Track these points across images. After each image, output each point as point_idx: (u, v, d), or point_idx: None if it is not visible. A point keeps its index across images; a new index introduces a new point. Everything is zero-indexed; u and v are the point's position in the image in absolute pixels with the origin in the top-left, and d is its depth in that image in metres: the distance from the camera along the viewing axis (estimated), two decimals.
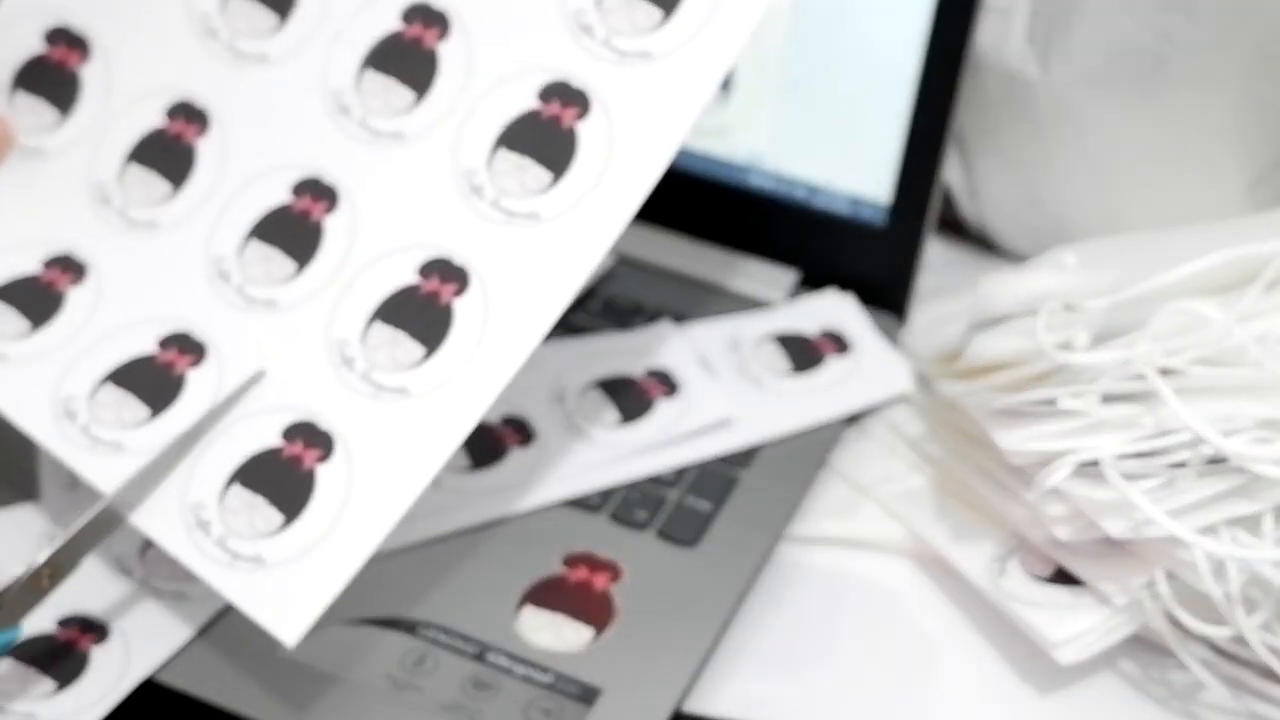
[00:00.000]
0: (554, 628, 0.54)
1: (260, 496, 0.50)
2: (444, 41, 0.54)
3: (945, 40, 0.65)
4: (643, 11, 0.52)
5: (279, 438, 0.51)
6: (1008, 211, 0.76)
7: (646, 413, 0.63)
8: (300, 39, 0.56)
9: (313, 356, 0.51)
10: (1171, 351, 0.53)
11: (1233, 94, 0.68)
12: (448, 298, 0.51)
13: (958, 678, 0.56)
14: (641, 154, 0.51)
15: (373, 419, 0.50)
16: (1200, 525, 0.52)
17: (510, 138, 0.53)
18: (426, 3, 0.55)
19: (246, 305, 0.53)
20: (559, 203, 0.51)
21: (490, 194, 0.52)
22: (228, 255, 0.54)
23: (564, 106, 0.52)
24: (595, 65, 0.52)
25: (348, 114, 0.54)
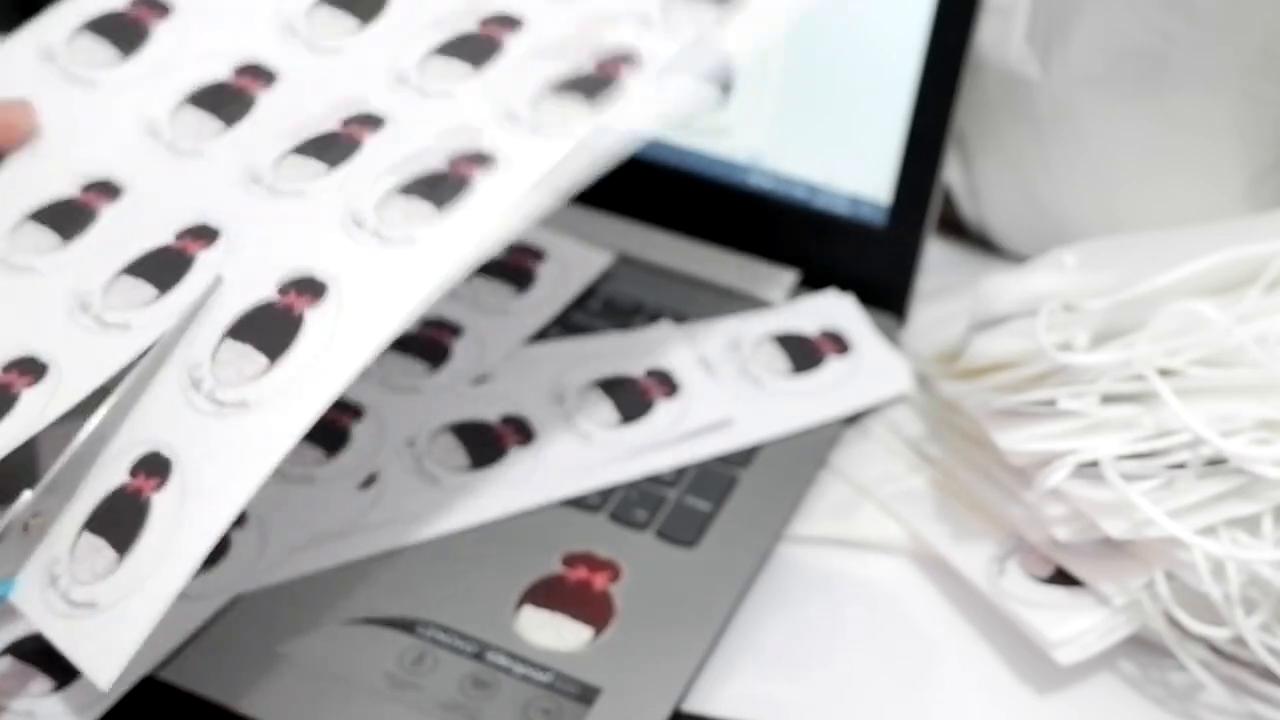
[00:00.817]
0: (553, 627, 0.54)
1: (102, 538, 0.47)
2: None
3: (946, 40, 0.65)
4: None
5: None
6: (1008, 212, 0.76)
7: (646, 413, 0.63)
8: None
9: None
10: (1171, 352, 0.53)
11: (1233, 94, 0.68)
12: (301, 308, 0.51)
13: (957, 678, 0.56)
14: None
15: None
16: (1200, 526, 0.52)
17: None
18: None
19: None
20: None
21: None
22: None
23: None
24: None
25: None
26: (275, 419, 0.47)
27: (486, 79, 0.56)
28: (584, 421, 0.62)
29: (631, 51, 0.54)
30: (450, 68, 0.56)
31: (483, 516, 0.58)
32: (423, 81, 0.56)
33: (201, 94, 0.58)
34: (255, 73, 0.58)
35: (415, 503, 0.58)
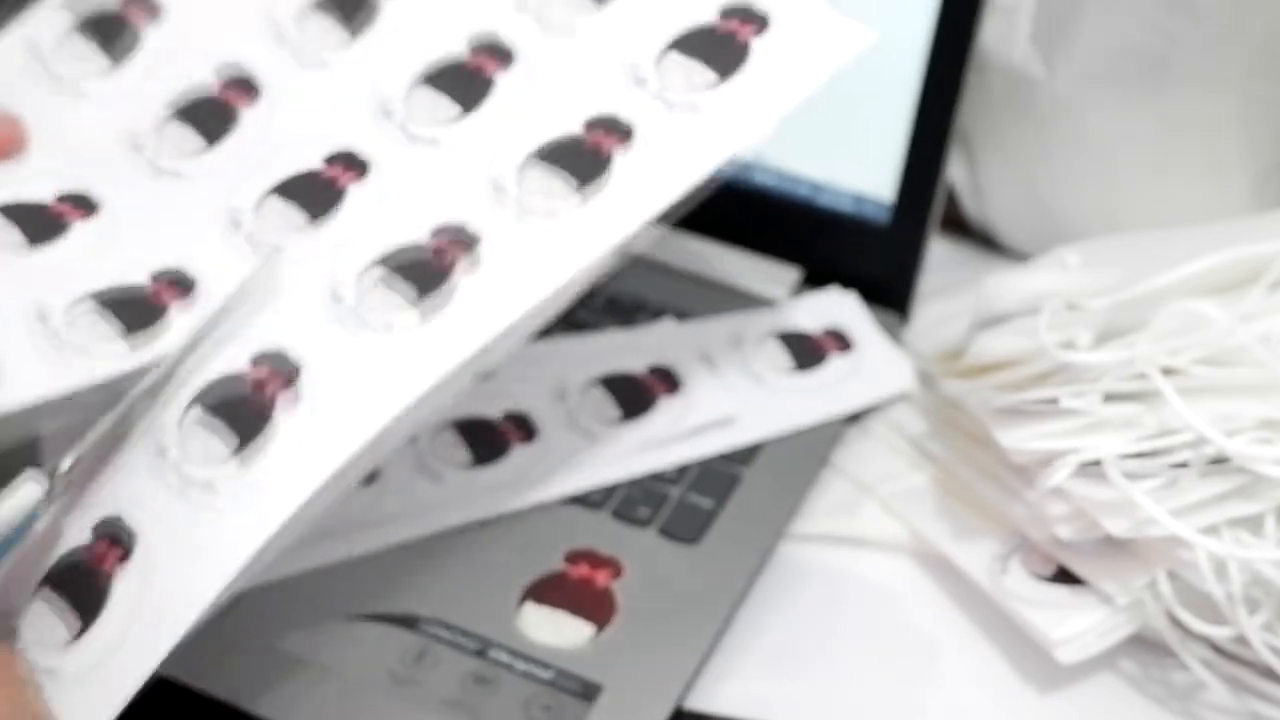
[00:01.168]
0: (555, 624, 0.54)
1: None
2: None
3: (950, 39, 0.65)
4: (700, 74, 0.53)
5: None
6: (1011, 210, 0.76)
7: (648, 410, 0.63)
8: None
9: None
10: (1174, 351, 0.53)
11: (1236, 94, 0.68)
12: (459, 273, 0.50)
13: (958, 676, 0.56)
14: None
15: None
16: (1202, 525, 0.52)
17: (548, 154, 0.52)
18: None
19: None
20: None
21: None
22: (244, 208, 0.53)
23: None
24: None
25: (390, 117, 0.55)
26: (243, 519, 0.45)
27: (474, 128, 0.54)
28: (586, 419, 0.62)
29: (623, 123, 0.52)
30: (438, 106, 0.54)
31: (485, 513, 0.58)
32: (408, 118, 0.54)
33: (188, 109, 0.56)
34: (241, 86, 0.57)
35: (417, 499, 0.58)
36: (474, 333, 0.48)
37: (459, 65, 0.55)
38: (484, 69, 0.55)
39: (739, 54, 0.53)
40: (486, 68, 0.55)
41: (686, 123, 0.52)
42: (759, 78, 0.52)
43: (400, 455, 0.60)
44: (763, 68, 0.53)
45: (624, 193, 0.51)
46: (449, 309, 0.49)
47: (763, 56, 0.53)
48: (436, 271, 0.49)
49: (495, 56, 0.55)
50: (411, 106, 0.54)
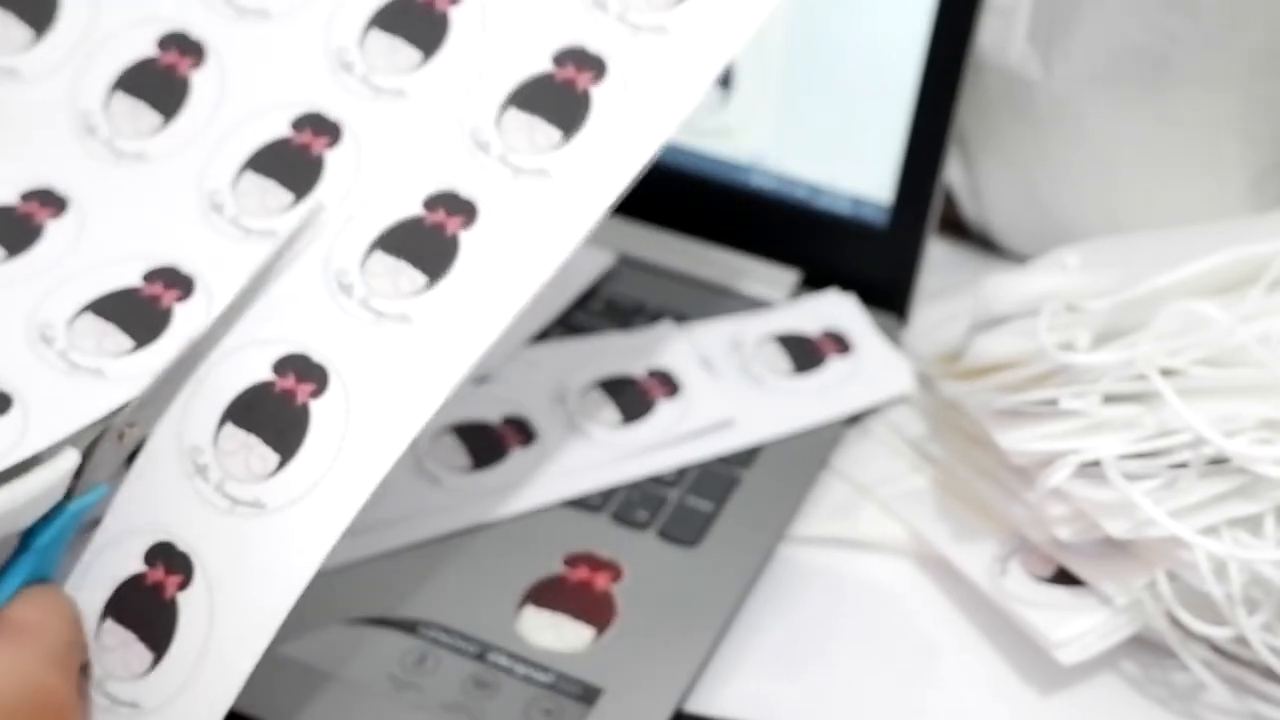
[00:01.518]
0: (555, 627, 0.54)
1: (255, 436, 0.46)
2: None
3: (947, 40, 0.65)
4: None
5: (269, 372, 0.47)
6: (1009, 212, 0.76)
7: (647, 413, 0.63)
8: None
9: None
10: (1173, 352, 0.53)
11: (1235, 94, 0.68)
12: (453, 229, 0.49)
13: (959, 678, 0.56)
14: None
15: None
16: (1202, 525, 0.52)
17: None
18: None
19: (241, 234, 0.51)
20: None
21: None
22: (221, 188, 0.52)
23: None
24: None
25: (350, 70, 0.53)
26: (302, 534, 0.45)
27: (440, 74, 0.52)
28: (585, 422, 0.62)
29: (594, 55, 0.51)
30: (399, 53, 0.52)
31: (484, 517, 0.58)
32: (369, 71, 0.52)
33: (133, 80, 0.54)
34: (183, 48, 0.54)
35: (417, 503, 0.58)
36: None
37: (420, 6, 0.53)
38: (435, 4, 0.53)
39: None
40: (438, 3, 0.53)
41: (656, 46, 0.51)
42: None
43: (399, 459, 0.60)
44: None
45: (612, 138, 0.50)
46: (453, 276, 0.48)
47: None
48: (438, 240, 0.49)
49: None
50: (370, 58, 0.53)
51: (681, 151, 0.72)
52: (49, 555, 0.45)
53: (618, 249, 0.72)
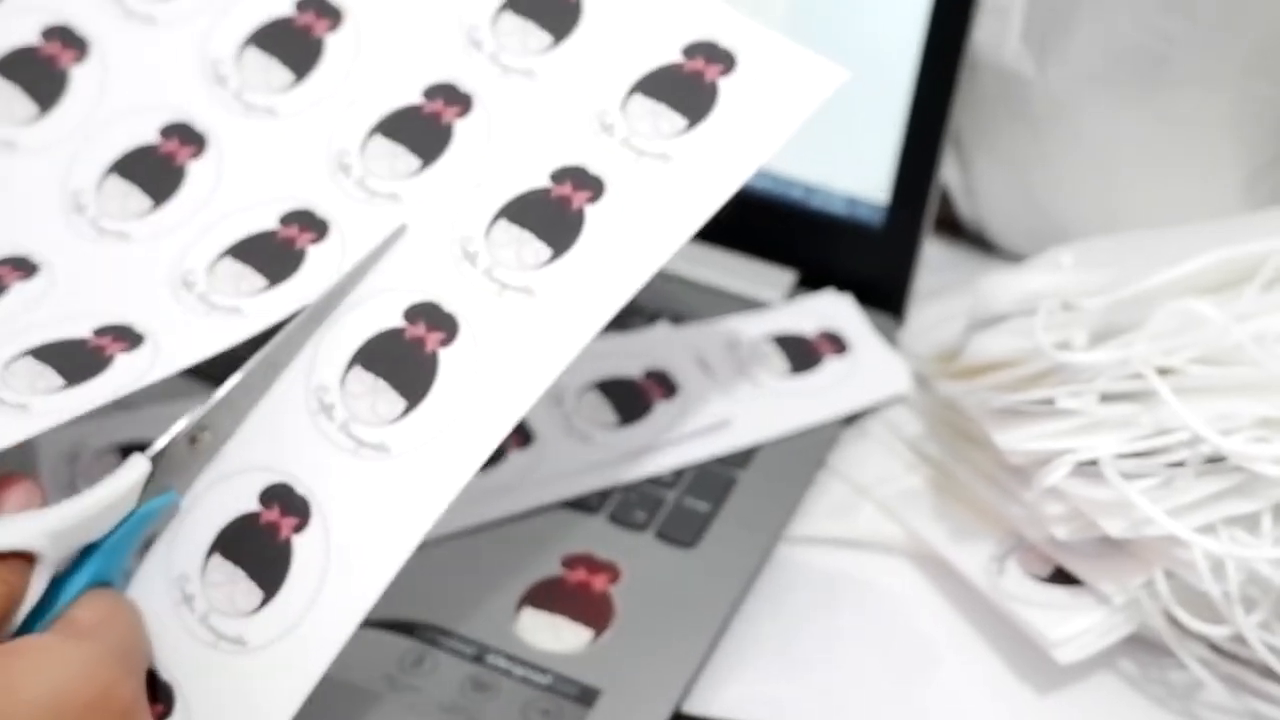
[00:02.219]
0: (553, 629, 0.54)
1: (240, 570, 0.46)
2: None
3: (942, 40, 0.65)
4: (667, 120, 0.50)
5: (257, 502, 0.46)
6: (1005, 211, 0.76)
7: (645, 414, 0.63)
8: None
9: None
10: (1169, 351, 0.53)
11: (1230, 93, 0.68)
12: (433, 346, 0.48)
13: (957, 677, 0.56)
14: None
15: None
16: (1199, 524, 0.52)
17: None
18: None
19: None
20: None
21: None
22: (197, 269, 0.51)
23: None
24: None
25: (347, 173, 0.52)
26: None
27: (434, 183, 0.51)
28: (583, 423, 0.62)
29: (594, 175, 0.50)
30: (398, 159, 0.51)
31: (482, 518, 0.58)
32: (366, 172, 0.51)
33: (126, 161, 0.53)
34: (185, 137, 0.53)
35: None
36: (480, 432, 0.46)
37: (416, 111, 0.52)
38: (440, 116, 0.52)
39: (707, 97, 0.50)
40: (444, 115, 0.52)
41: (658, 173, 0.49)
42: (730, 123, 0.50)
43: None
44: (733, 112, 0.50)
45: (602, 261, 0.48)
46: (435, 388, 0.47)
47: (732, 99, 0.50)
48: (416, 361, 0.47)
49: (454, 103, 0.52)
50: (368, 160, 0.52)
51: None
52: (114, 559, 0.45)
53: None
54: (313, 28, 0.54)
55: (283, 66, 0.54)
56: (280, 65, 0.54)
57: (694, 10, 0.52)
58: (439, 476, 0.45)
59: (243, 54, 0.54)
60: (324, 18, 0.54)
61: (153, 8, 0.55)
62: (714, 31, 0.51)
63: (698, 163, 0.49)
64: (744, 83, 0.50)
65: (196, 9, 0.55)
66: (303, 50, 0.54)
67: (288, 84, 0.53)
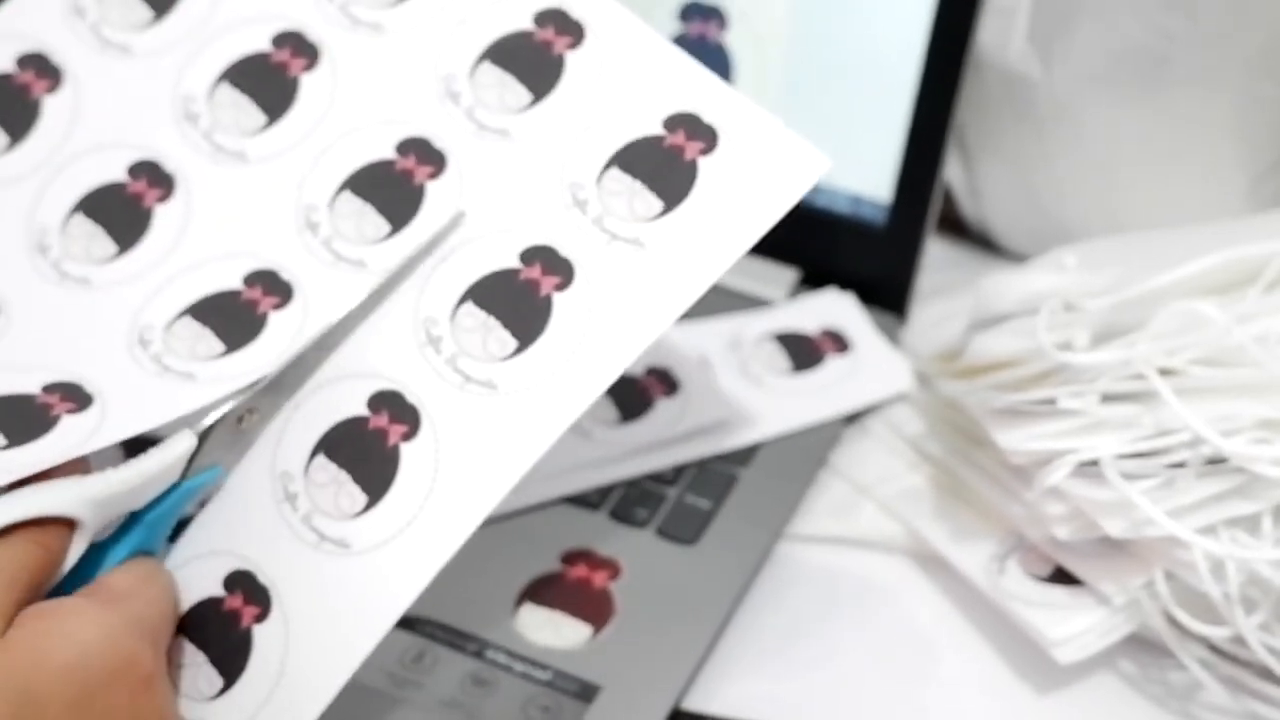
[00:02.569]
0: (553, 625, 0.54)
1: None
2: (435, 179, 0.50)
3: (946, 39, 0.65)
4: (642, 201, 0.48)
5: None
6: (1008, 211, 0.76)
7: (646, 411, 0.63)
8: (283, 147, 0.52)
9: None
10: (1171, 351, 0.53)
11: (1234, 93, 0.68)
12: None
13: (956, 676, 0.56)
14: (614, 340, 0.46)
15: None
16: (1199, 525, 0.52)
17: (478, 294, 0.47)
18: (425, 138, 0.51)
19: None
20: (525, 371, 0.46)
21: (448, 351, 0.47)
22: (155, 325, 0.50)
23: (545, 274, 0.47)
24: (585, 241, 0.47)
25: (315, 231, 0.51)
26: (388, 579, 0.45)
27: (402, 252, 0.48)
28: (584, 419, 0.62)
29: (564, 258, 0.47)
30: (364, 217, 0.49)
31: None
32: (334, 234, 0.49)
33: (93, 199, 0.52)
34: (154, 179, 0.52)
35: None
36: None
37: (389, 167, 0.50)
38: (413, 175, 0.50)
39: (686, 177, 0.48)
40: (416, 174, 0.50)
41: (631, 261, 0.47)
42: (708, 212, 0.47)
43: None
44: (712, 199, 0.47)
45: (569, 355, 0.46)
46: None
47: (711, 183, 0.48)
48: (382, 456, 0.46)
49: (427, 161, 0.50)
50: (336, 219, 0.50)
51: None
52: (157, 530, 0.45)
53: None
54: (289, 66, 0.52)
55: (256, 106, 0.52)
56: (253, 105, 0.52)
57: (679, 79, 0.49)
58: (501, 458, 0.45)
59: (215, 91, 0.52)
60: (300, 56, 0.52)
61: (129, 38, 0.54)
62: (698, 104, 0.49)
63: (672, 252, 0.47)
64: (725, 165, 0.48)
65: (172, 42, 0.54)
66: (278, 90, 0.52)
67: (260, 126, 0.52)
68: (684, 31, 0.70)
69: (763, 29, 0.68)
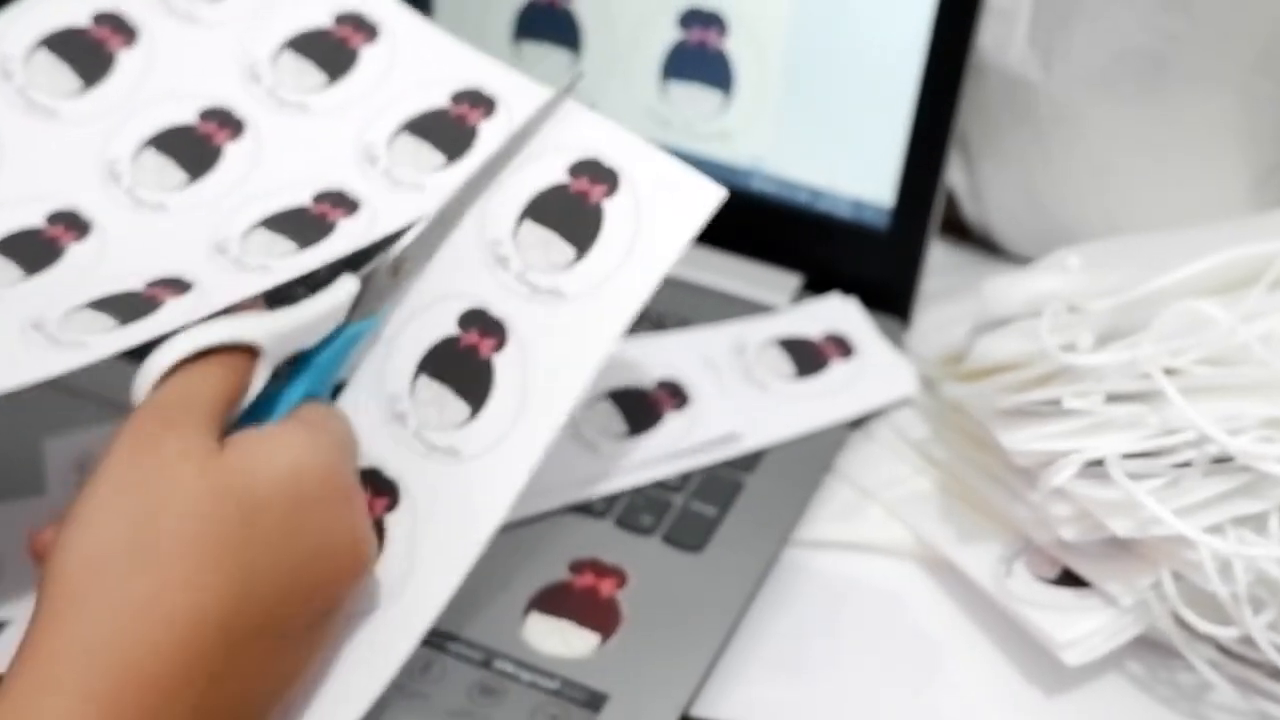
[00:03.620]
0: (560, 634, 0.54)
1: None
2: None
3: (947, 43, 0.65)
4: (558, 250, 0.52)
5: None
6: (1011, 213, 0.76)
7: (655, 425, 0.62)
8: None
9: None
10: (1176, 351, 0.53)
11: (1235, 94, 0.68)
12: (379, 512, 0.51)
13: (964, 680, 0.56)
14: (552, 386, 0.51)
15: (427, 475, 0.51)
16: (1206, 524, 0.52)
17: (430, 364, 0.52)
18: None
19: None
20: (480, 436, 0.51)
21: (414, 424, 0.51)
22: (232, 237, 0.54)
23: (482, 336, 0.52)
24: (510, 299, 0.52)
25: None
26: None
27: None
28: (592, 432, 0.62)
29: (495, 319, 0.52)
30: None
31: None
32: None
33: (165, 138, 0.56)
34: (223, 119, 0.57)
35: None
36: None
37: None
38: (327, 216, 0.54)
39: (593, 221, 0.52)
40: (330, 215, 0.54)
41: (555, 312, 0.51)
42: (617, 252, 0.51)
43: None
44: (620, 238, 0.51)
45: (517, 410, 0.50)
46: None
47: (617, 223, 0.52)
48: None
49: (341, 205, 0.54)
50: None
51: (681, 155, 0.72)
52: (326, 374, 0.49)
53: None
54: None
55: (178, 168, 0.56)
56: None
57: (577, 127, 0.53)
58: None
59: (279, 56, 0.58)
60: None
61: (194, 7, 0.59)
62: (598, 149, 0.53)
63: (591, 297, 0.51)
64: (628, 205, 0.52)
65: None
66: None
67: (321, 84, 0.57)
68: (684, 38, 0.70)
69: (763, 35, 0.69)
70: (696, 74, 0.70)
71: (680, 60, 0.71)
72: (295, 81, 0.57)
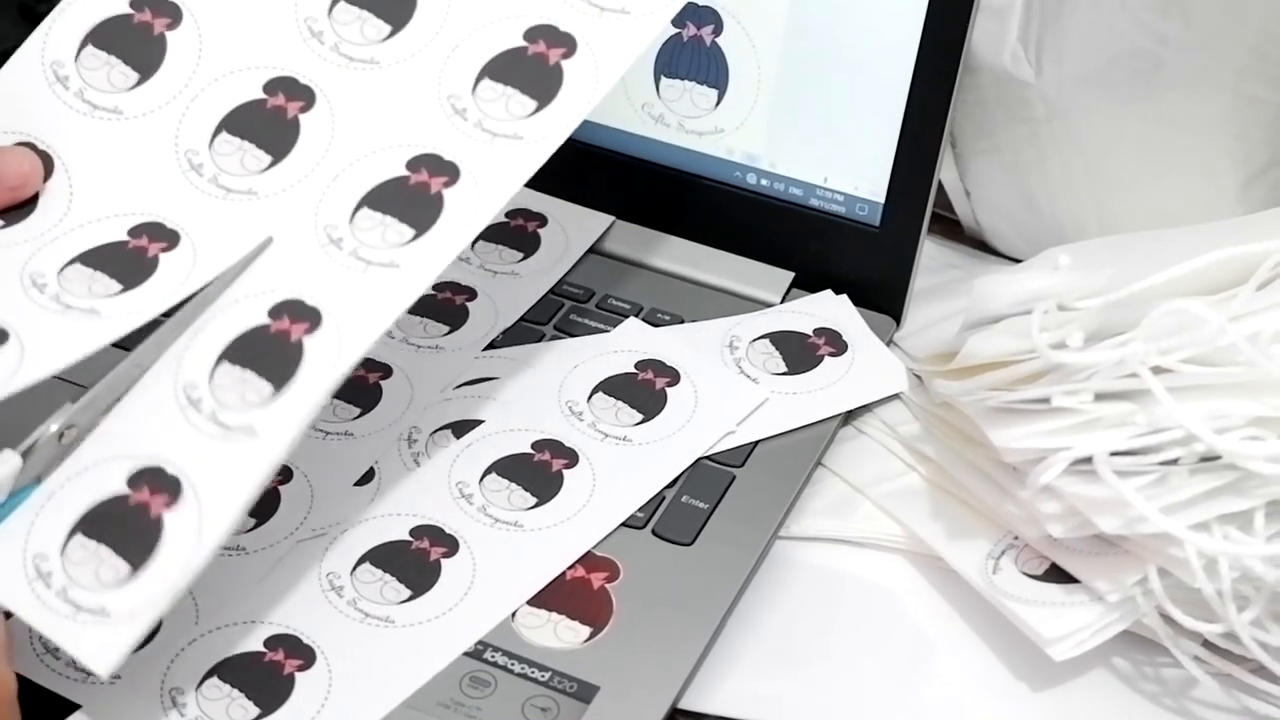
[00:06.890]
0: (551, 626, 0.54)
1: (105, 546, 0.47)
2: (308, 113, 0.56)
3: (940, 41, 0.65)
4: (517, 103, 0.55)
5: (123, 485, 0.48)
6: (1002, 212, 0.77)
7: (655, 415, 0.63)
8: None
9: None
10: (1164, 350, 0.53)
11: (1227, 95, 0.68)
12: (298, 335, 0.51)
13: (952, 674, 0.56)
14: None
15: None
16: (1192, 522, 0.52)
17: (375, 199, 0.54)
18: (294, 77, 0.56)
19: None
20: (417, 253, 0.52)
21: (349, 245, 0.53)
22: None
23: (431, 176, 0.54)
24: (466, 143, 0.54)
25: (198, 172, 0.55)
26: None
27: (289, 175, 0.55)
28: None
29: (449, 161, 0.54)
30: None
31: None
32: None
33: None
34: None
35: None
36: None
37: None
38: (287, 109, 0.56)
39: (554, 78, 0.55)
40: (289, 108, 0.56)
41: (512, 151, 0.54)
42: (575, 101, 0.55)
43: (396, 454, 0.60)
44: (578, 90, 0.55)
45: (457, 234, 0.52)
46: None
47: (576, 79, 0.55)
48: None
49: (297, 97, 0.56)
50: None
51: (674, 151, 0.73)
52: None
53: (612, 251, 0.73)
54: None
55: (259, 149, 0.56)
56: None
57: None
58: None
59: (335, 6, 0.58)
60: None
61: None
62: (552, 16, 0.56)
63: (547, 140, 0.54)
64: (585, 61, 0.55)
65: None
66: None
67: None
68: (679, 34, 0.70)
69: (757, 32, 0.69)
70: (691, 71, 0.71)
71: (675, 57, 0.71)
72: (358, 32, 0.57)
